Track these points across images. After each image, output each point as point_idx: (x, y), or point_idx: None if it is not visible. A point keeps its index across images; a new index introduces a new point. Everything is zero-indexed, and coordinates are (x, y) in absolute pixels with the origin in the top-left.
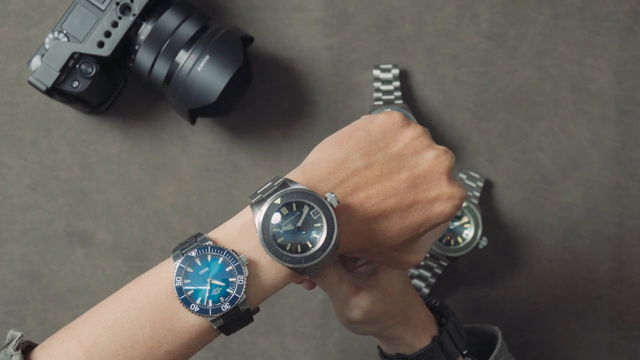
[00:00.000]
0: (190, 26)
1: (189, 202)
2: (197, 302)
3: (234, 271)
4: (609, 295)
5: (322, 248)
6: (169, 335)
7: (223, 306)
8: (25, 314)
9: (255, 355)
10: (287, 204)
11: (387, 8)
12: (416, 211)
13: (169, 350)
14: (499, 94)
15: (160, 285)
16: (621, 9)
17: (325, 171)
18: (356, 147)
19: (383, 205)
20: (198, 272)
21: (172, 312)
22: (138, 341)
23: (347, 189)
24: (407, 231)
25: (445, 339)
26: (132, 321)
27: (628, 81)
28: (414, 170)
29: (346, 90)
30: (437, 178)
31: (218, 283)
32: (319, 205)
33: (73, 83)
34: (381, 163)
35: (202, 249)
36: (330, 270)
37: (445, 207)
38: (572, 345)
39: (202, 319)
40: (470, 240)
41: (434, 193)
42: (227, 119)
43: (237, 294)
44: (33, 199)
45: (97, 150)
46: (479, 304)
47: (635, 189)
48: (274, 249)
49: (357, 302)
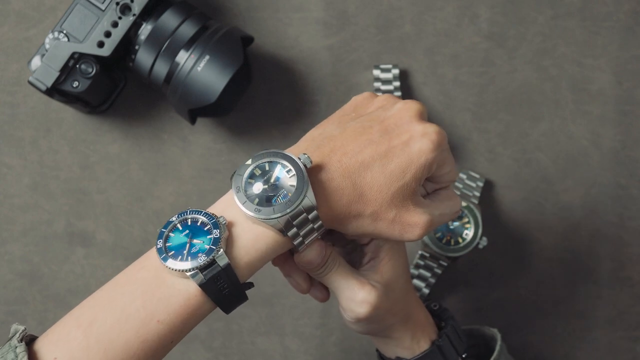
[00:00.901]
0: (190, 26)
1: (189, 202)
2: (177, 260)
3: (211, 228)
4: (609, 295)
5: (292, 199)
6: (160, 304)
7: (199, 259)
8: (25, 314)
9: (255, 355)
10: (260, 165)
11: (387, 8)
12: (395, 155)
13: (161, 320)
14: (499, 94)
15: (150, 260)
16: (621, 9)
17: (303, 145)
18: (331, 122)
19: (361, 157)
20: (179, 235)
21: (160, 281)
22: (131, 314)
23: (323, 151)
24: (393, 178)
25: (445, 343)
26: (125, 296)
27: (628, 81)
28: (384, 122)
29: (346, 90)
30: (407, 121)
31: (196, 241)
32: (290, 162)
33: (73, 83)
34: (354, 126)
35: (182, 213)
36: (333, 264)
37: (423, 143)
38: (572, 345)
39: (187, 281)
40: (470, 240)
41: (407, 135)
42: (227, 119)
43: (213, 246)
44: (33, 199)
45: (97, 150)
46: (479, 304)
47: (635, 189)
48: (247, 204)
49: (365, 297)
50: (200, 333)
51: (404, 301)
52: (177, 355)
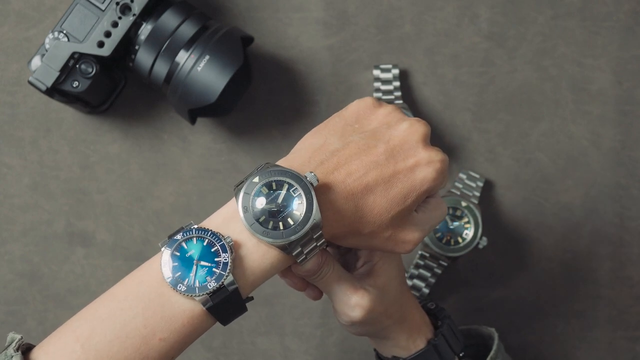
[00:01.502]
0: (190, 26)
1: (189, 202)
2: (184, 283)
3: (218, 251)
4: (609, 295)
5: (302, 222)
6: (162, 322)
7: (209, 284)
8: (25, 314)
9: (255, 355)
10: (267, 183)
11: (387, 8)
12: (399, 181)
13: (163, 338)
14: (499, 94)
15: (151, 275)
16: (621, 9)
17: (306, 157)
18: (332, 132)
19: (365, 179)
20: (184, 254)
21: (164, 299)
22: (132, 330)
23: (327, 168)
24: (394, 203)
25: (441, 342)
26: (125, 312)
27: (628, 81)
28: (389, 142)
29: (346, 90)
30: (414, 146)
31: (204, 264)
32: (297, 182)
33: (73, 83)
34: (358, 141)
35: (187, 231)
36: (329, 269)
37: (427, 172)
38: (572, 345)
39: (193, 302)
40: (470, 240)
41: (413, 160)
42: (227, 119)
43: (223, 271)
44: (33, 199)
45: (97, 150)
46: (479, 304)
47: (635, 189)
48: (254, 225)
49: (358, 301)
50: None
51: (399, 303)
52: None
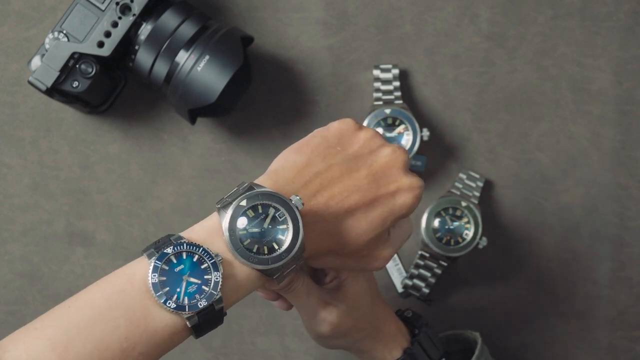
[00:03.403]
0: (190, 26)
1: (189, 202)
2: (173, 299)
3: (209, 268)
4: (609, 295)
5: (288, 249)
6: (144, 335)
7: (199, 303)
8: (25, 314)
9: (255, 355)
10: (253, 206)
11: (387, 8)
12: (380, 205)
13: (142, 352)
14: (499, 94)
15: (134, 285)
16: (621, 9)
17: (290, 175)
18: (316, 153)
19: (347, 203)
20: (173, 269)
21: (147, 312)
22: (112, 343)
23: (311, 190)
24: (373, 226)
25: (417, 350)
26: (106, 322)
27: (628, 81)
28: (372, 167)
29: (346, 90)
30: (396, 172)
31: (194, 280)
32: (284, 207)
33: (73, 83)
34: (340, 164)
35: (178, 245)
36: (299, 283)
37: (407, 197)
38: (572, 345)
39: (177, 318)
40: (470, 240)
41: (394, 186)
42: (227, 119)
43: (214, 290)
44: (33, 199)
45: (97, 150)
46: (479, 304)
47: (635, 189)
48: (241, 250)
49: (325, 316)
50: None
51: (371, 317)
52: (177, 355)
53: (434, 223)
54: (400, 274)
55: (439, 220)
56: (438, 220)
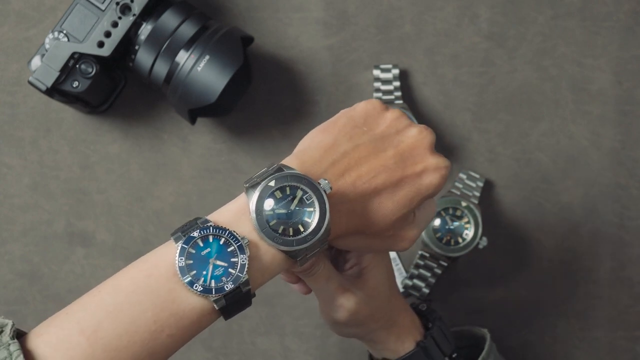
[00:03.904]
0: (190, 26)
1: (189, 202)
2: (200, 282)
3: (235, 251)
4: (609, 295)
5: (314, 231)
6: (172, 318)
7: (226, 285)
8: (25, 314)
9: (255, 355)
10: (281, 187)
11: (387, 8)
12: (406, 185)
13: (171, 334)
14: (499, 94)
15: (161, 269)
16: (621, 9)
17: (317, 155)
18: (342, 133)
19: (374, 182)
20: (200, 252)
21: (175, 295)
22: (141, 325)
23: (338, 170)
24: (400, 206)
25: (430, 344)
26: (134, 306)
27: (628, 81)
28: (399, 147)
29: (346, 90)
30: (422, 152)
31: (220, 263)
32: (312, 189)
33: (73, 83)
34: (367, 144)
35: (204, 229)
36: (319, 267)
37: (434, 177)
38: (572, 345)
39: (204, 300)
40: (470, 240)
41: (421, 166)
42: (227, 119)
43: (240, 273)
44: (33, 199)
45: (97, 150)
46: (479, 304)
47: (635, 189)
48: (266, 230)
49: (343, 302)
50: (201, 333)
51: (387, 308)
52: (177, 355)
53: (434, 223)
54: (400, 274)
55: (439, 220)
56: (438, 220)
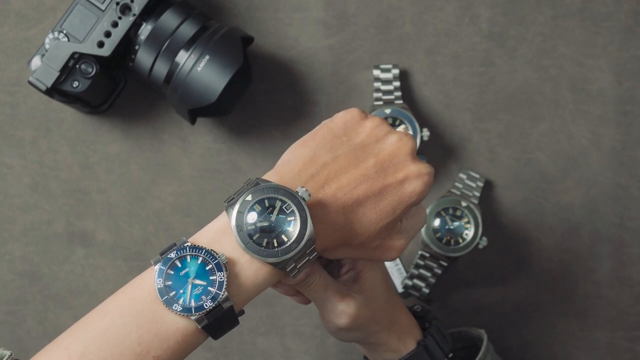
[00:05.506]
0: (190, 26)
1: (189, 202)
2: (179, 302)
3: (213, 269)
4: (609, 295)
5: (297, 240)
6: (156, 339)
7: (205, 304)
8: (25, 314)
9: (255, 355)
10: (260, 201)
11: (387, 8)
12: (388, 194)
13: (156, 355)
14: (499, 94)
15: (144, 291)
16: (621, 9)
17: (296, 169)
18: (321, 144)
19: (355, 193)
20: (178, 273)
21: (157, 316)
22: (126, 348)
23: (318, 182)
24: (383, 215)
25: (430, 343)
26: (119, 329)
27: (628, 81)
28: (379, 155)
29: (346, 90)
30: (403, 160)
31: (199, 282)
32: (290, 198)
33: (73, 83)
34: (347, 154)
35: (181, 249)
36: (315, 277)
37: (417, 184)
38: (572, 345)
39: (187, 320)
40: (470, 240)
41: (402, 174)
42: (227, 119)
43: (219, 290)
44: (33, 199)
45: (97, 150)
46: (479, 304)
47: (635, 189)
48: (250, 245)
49: (344, 308)
50: None
51: (387, 308)
52: None
53: (434, 223)
54: (400, 274)
55: (439, 220)
56: (438, 220)
